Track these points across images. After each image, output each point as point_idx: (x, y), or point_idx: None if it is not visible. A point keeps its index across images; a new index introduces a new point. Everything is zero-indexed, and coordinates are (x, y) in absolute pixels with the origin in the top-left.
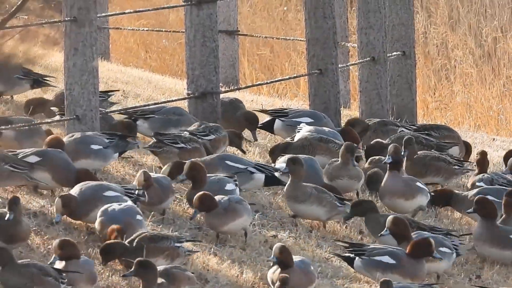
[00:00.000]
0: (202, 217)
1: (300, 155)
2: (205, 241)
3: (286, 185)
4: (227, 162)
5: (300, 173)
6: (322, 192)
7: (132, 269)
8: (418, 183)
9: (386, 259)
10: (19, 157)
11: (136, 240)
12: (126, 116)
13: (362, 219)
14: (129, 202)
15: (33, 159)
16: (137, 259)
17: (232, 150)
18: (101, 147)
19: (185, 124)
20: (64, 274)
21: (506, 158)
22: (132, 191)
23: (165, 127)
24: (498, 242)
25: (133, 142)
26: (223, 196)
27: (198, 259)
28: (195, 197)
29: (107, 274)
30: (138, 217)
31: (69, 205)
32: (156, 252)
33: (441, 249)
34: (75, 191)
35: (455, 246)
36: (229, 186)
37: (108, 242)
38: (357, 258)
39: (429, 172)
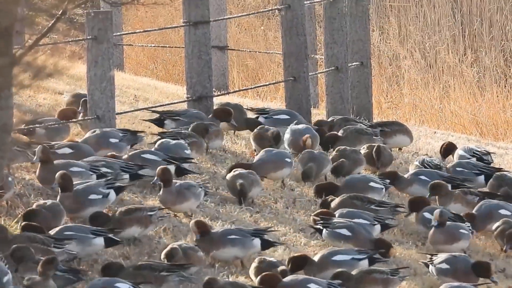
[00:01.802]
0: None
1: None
2: (202, 217)
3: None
4: (143, 155)
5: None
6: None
7: None
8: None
9: (344, 231)
10: (55, 148)
11: (117, 213)
12: (156, 116)
13: None
14: None
15: (67, 150)
16: None
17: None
18: (117, 140)
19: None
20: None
21: (446, 150)
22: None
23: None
24: None
25: (141, 136)
26: (180, 182)
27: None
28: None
29: (123, 244)
30: None
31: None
32: (132, 220)
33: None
34: None
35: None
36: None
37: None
38: (324, 229)
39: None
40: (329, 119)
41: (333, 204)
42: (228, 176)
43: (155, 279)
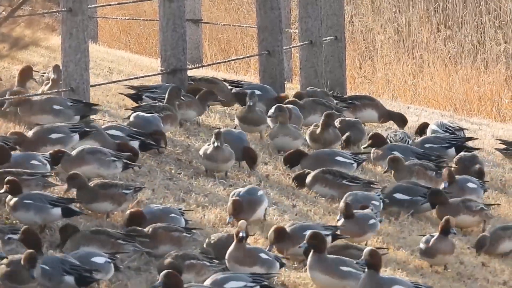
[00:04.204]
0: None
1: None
2: (176, 189)
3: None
4: (108, 132)
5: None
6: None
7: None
8: None
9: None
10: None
11: (93, 185)
12: (133, 91)
13: None
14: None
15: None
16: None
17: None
18: (61, 107)
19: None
20: None
21: (420, 129)
22: None
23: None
24: None
25: (95, 109)
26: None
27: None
28: None
29: (95, 216)
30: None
31: None
32: (106, 196)
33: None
34: None
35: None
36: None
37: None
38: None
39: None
40: (308, 89)
41: (308, 179)
42: (202, 151)
43: (111, 246)
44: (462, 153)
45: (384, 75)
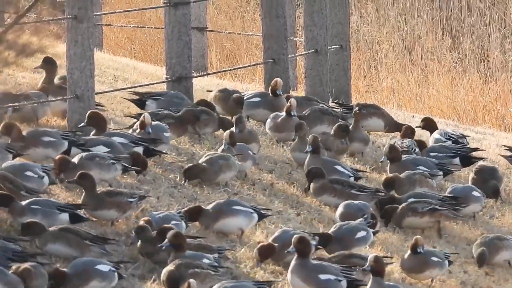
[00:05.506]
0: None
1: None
2: (180, 197)
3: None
4: (113, 139)
5: None
6: None
7: (75, 178)
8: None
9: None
10: (87, 145)
11: (99, 193)
12: (137, 97)
13: None
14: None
15: (102, 149)
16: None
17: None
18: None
19: (184, 106)
20: None
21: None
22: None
23: (169, 107)
24: None
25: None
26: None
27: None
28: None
29: (100, 223)
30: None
31: None
32: (112, 204)
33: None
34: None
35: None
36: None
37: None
38: None
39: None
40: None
41: (313, 188)
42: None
43: (78, 245)
44: (483, 164)
45: (389, 84)
